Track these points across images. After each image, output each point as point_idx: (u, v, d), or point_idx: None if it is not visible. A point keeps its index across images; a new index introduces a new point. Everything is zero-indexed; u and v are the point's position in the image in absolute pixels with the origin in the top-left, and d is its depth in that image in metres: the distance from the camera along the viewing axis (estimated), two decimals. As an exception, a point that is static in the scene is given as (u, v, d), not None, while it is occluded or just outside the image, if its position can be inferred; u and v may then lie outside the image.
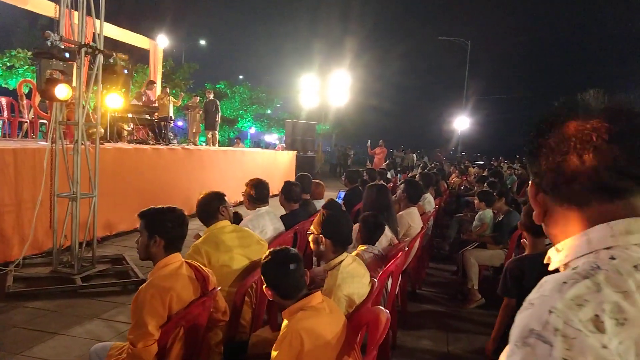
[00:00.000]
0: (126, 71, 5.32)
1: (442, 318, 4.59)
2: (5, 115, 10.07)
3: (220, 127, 17.70)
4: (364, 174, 7.86)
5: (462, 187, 11.52)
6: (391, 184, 9.23)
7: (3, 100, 10.08)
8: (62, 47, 4.53)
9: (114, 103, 5.62)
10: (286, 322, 2.05)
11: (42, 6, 9.64)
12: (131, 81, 12.04)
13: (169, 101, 12.96)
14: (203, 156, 9.40)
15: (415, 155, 27.64)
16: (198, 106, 14.73)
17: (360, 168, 11.84)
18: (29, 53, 16.26)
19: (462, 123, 34.40)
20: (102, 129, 6.02)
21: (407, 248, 3.91)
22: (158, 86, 14.54)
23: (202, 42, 43.93)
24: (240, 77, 38.91)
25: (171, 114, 12.51)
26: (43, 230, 5.28)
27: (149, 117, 9.99)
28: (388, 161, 19.51)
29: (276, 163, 13.16)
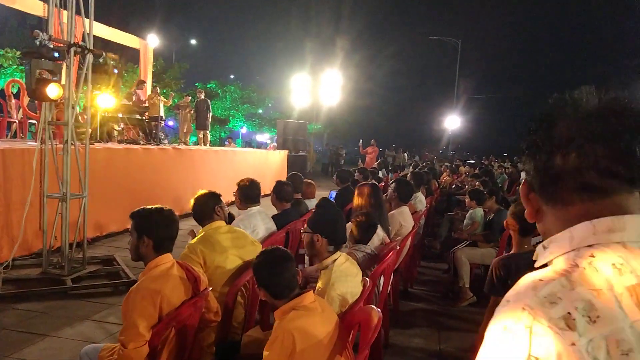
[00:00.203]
0: (116, 71, 5.29)
1: (434, 316, 4.61)
2: (-7, 115, 9.98)
3: (211, 127, 17.64)
4: (356, 174, 7.87)
5: (453, 186, 11.57)
6: (383, 183, 9.24)
7: (-9, 100, 9.99)
8: (51, 47, 4.50)
9: (104, 103, 5.58)
10: (278, 322, 2.05)
11: (31, 5, 9.56)
12: (121, 81, 11.97)
13: (160, 101, 12.89)
14: (194, 156, 9.36)
15: (406, 154, 27.73)
16: (189, 106, 14.67)
17: (352, 167, 11.86)
18: (18, 53, 16.11)
19: (453, 122, 34.56)
20: (90, 129, 5.96)
21: (399, 247, 3.92)
22: (148, 86, 14.46)
23: (193, 42, 43.86)
24: (231, 77, 38.86)
25: (162, 114, 12.45)
26: (32, 231, 5.24)
27: (140, 117, 9.94)
28: (380, 160, 19.56)
29: (268, 163, 13.14)
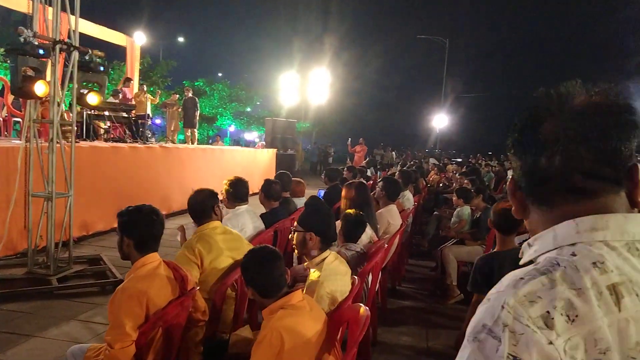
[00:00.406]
0: (102, 68, 5.22)
1: (422, 314, 4.64)
2: (-24, 113, 9.82)
3: (199, 125, 17.55)
4: (344, 172, 7.88)
5: (441, 185, 11.64)
6: (371, 182, 9.27)
7: (-26, 98, 9.83)
8: (36, 44, 4.44)
9: (90, 101, 5.52)
10: (266, 321, 2.04)
11: (15, 1, 9.42)
12: (107, 78, 11.87)
13: (147, 99, 12.82)
14: (181, 154, 9.31)
15: (394, 153, 27.82)
16: (177, 104, 14.58)
17: (340, 166, 11.87)
18: (1, 50, 15.87)
19: (441, 121, 34.75)
20: (75, 127, 5.90)
21: (387, 245, 3.94)
22: (135, 84, 14.35)
23: (181, 39, 43.56)
24: (219, 75, 38.64)
25: (149, 112, 12.36)
26: (17, 230, 5.18)
27: (126, 115, 9.85)
28: (368, 159, 19.60)
29: (256, 161, 13.10)
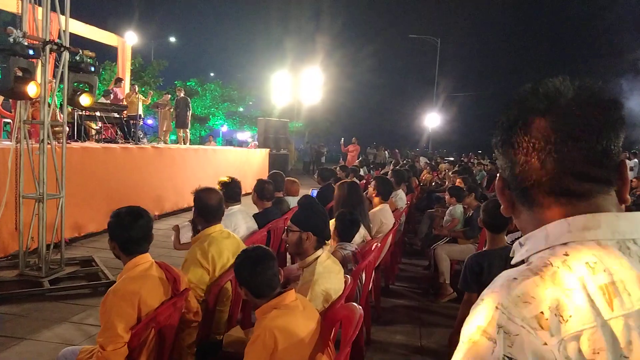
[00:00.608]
0: (93, 69, 5.19)
1: (415, 313, 4.65)
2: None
3: (191, 126, 17.48)
4: (338, 171, 7.89)
5: (433, 184, 11.68)
6: (364, 181, 9.28)
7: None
8: (26, 44, 4.41)
9: (83, 102, 5.49)
10: (259, 321, 2.04)
11: (3, 1, 9.32)
12: (98, 79, 11.81)
13: (138, 99, 12.75)
14: (174, 155, 9.28)
15: (387, 152, 27.85)
16: (169, 104, 14.52)
17: (333, 166, 11.87)
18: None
19: (433, 120, 34.84)
20: (68, 128, 5.87)
21: (380, 244, 3.95)
22: (127, 84, 14.28)
23: (172, 39, 43.34)
24: (211, 75, 38.51)
25: (140, 112, 12.30)
26: (8, 232, 5.14)
27: (118, 116, 9.80)
28: (361, 158, 19.62)
29: (249, 161, 13.08)
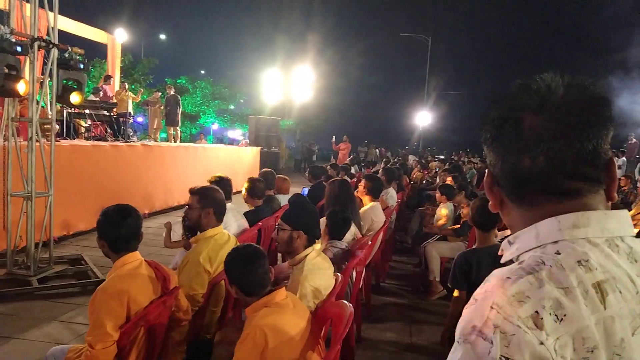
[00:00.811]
0: (82, 66, 5.15)
1: (406, 310, 4.67)
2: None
3: (181, 123, 17.41)
4: (328, 169, 7.90)
5: (424, 182, 11.73)
6: (355, 179, 9.30)
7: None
8: (13, 41, 4.36)
9: (72, 100, 5.44)
10: (250, 320, 2.04)
11: (-9, -3, 9.23)
12: (88, 76, 11.73)
13: (128, 97, 12.67)
14: (164, 153, 9.23)
15: (378, 150, 27.92)
16: (159, 101, 14.44)
17: (324, 164, 11.88)
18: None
19: (424, 118, 34.94)
20: (57, 126, 5.81)
21: (371, 242, 3.96)
22: (116, 81, 14.18)
23: (163, 37, 43.09)
24: (202, 72, 38.34)
25: (130, 110, 12.23)
26: (-4, 231, 5.09)
27: (107, 113, 9.74)
28: (352, 156, 19.65)
29: (240, 159, 13.04)
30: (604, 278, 0.71)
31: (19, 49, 4.41)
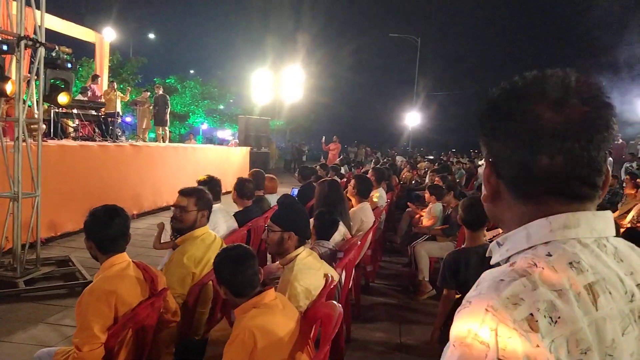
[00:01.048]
0: (70, 65, 5.10)
1: (395, 310, 4.69)
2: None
3: (170, 123, 17.31)
4: (318, 169, 7.90)
5: (413, 182, 11.78)
6: (345, 179, 9.31)
7: None
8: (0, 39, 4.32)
9: (60, 100, 5.39)
10: (238, 320, 2.03)
11: (-23, -4, 9.12)
12: (75, 76, 11.61)
13: (116, 96, 12.58)
14: (152, 153, 9.18)
15: (367, 150, 27.99)
16: (148, 101, 14.36)
17: (314, 164, 11.88)
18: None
19: (413, 119, 35.08)
20: (44, 126, 5.76)
21: (360, 242, 3.96)
22: (105, 81, 14.07)
23: (151, 36, 42.85)
24: (191, 72, 38.19)
25: (118, 110, 12.14)
26: (-19, 232, 5.02)
27: (95, 113, 9.65)
28: (342, 156, 19.68)
29: (229, 160, 13.00)
30: (595, 279, 0.71)
31: (5, 48, 4.37)
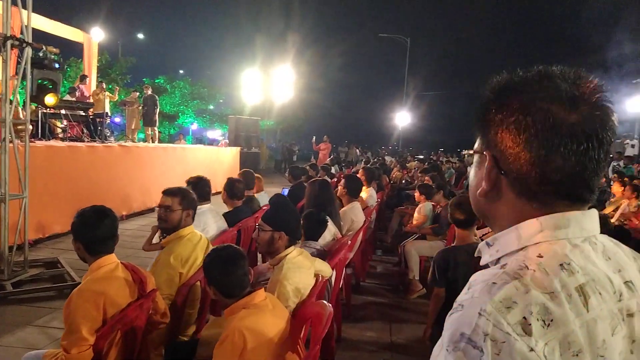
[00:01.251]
0: (57, 65, 5.06)
1: (386, 309, 4.70)
2: None
3: (160, 123, 17.21)
4: (308, 170, 7.90)
5: (403, 181, 11.82)
6: (335, 179, 9.32)
7: None
8: (-15, 40, 4.27)
9: (47, 102, 5.34)
10: (228, 321, 2.03)
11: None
12: (63, 76, 11.50)
13: (105, 96, 12.48)
14: (142, 153, 9.12)
15: (358, 150, 28.01)
16: (137, 101, 14.27)
17: (305, 164, 11.88)
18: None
19: (403, 118, 35.18)
20: (31, 126, 5.70)
21: (350, 242, 3.97)
22: (93, 81, 13.96)
23: (140, 36, 42.58)
24: (180, 72, 37.99)
25: (107, 110, 12.04)
26: (-32, 234, 4.96)
27: (84, 114, 9.57)
28: (332, 156, 19.69)
29: (219, 160, 12.95)
30: (585, 281, 0.71)
31: (-9, 48, 4.32)
